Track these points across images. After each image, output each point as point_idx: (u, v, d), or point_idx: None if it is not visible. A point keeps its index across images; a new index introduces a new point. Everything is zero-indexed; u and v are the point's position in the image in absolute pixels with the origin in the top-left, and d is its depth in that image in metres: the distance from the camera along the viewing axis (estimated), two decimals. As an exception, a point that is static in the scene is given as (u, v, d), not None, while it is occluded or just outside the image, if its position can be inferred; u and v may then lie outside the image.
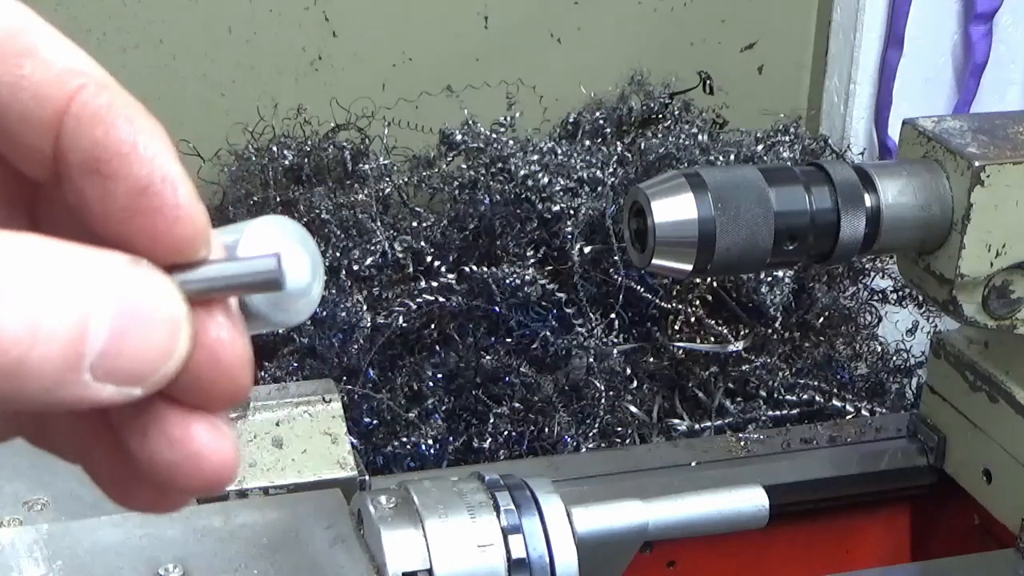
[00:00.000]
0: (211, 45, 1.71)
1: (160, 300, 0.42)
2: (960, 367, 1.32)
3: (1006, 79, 1.97)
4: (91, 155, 0.43)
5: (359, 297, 1.49)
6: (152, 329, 0.42)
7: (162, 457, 0.43)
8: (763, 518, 1.10)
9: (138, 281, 0.42)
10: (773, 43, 1.95)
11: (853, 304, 1.65)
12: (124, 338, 0.41)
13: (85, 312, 0.40)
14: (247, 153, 1.63)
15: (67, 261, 0.41)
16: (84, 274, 0.41)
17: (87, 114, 0.43)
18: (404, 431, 1.46)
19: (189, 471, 0.43)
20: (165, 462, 0.43)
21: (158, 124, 0.44)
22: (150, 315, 0.42)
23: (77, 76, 0.44)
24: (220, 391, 0.43)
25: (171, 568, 0.93)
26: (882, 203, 1.08)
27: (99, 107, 0.43)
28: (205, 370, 0.43)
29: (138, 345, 0.41)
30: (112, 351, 0.41)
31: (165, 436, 0.43)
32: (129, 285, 0.42)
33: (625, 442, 1.49)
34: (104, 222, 0.43)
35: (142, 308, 0.42)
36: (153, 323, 0.42)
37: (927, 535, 1.48)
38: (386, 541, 0.97)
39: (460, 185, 1.58)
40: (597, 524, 1.04)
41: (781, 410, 1.55)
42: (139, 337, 0.41)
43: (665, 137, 1.62)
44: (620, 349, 1.54)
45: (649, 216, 1.01)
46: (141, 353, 0.41)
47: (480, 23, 1.80)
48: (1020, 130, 1.14)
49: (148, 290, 0.42)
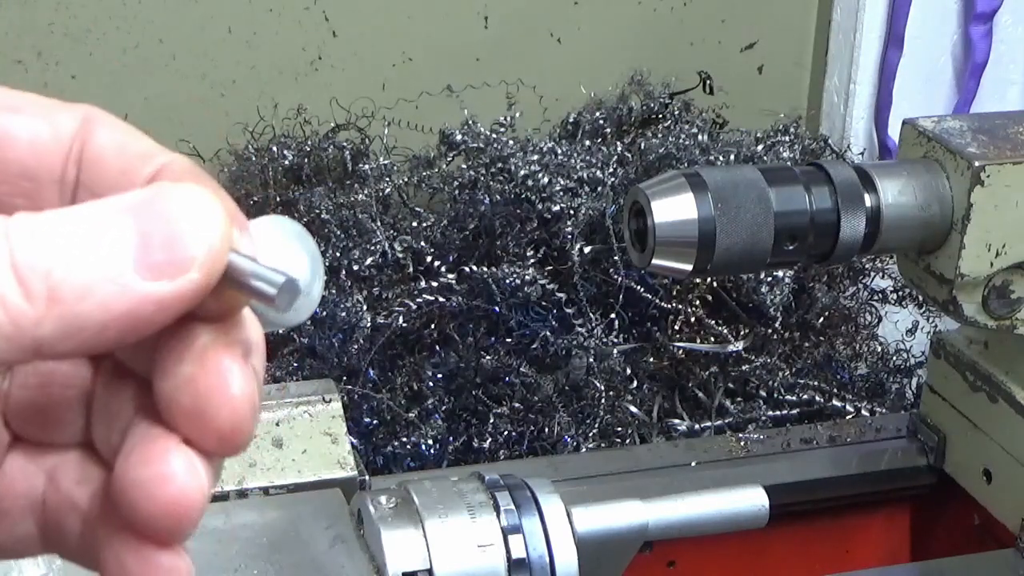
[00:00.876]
0: (211, 45, 1.71)
1: (169, 188, 0.43)
2: (960, 367, 1.32)
3: (1006, 79, 1.97)
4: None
5: (359, 297, 1.49)
6: (174, 211, 0.43)
7: (133, 474, 0.43)
8: (763, 518, 1.10)
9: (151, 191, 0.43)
10: (773, 43, 1.94)
11: (853, 304, 1.65)
12: (148, 228, 0.42)
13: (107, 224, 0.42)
14: (247, 153, 1.63)
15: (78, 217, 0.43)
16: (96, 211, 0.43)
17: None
18: (404, 431, 1.46)
19: (150, 492, 0.43)
20: (133, 480, 0.43)
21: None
22: (164, 200, 0.43)
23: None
24: (218, 425, 0.44)
25: (171, 568, 0.93)
26: (882, 203, 1.08)
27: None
28: (207, 398, 0.44)
29: (165, 228, 0.42)
30: (144, 246, 0.42)
31: (143, 454, 0.44)
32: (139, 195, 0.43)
33: (625, 442, 1.49)
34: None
35: (153, 198, 0.43)
36: (170, 204, 0.43)
37: (927, 535, 1.48)
38: (386, 541, 0.97)
39: (460, 185, 1.58)
40: (597, 524, 1.04)
41: (781, 410, 1.55)
42: (164, 223, 0.42)
43: (665, 137, 1.62)
44: (620, 349, 1.54)
45: (649, 216, 1.01)
46: (172, 236, 0.42)
47: (480, 23, 1.80)
48: (1020, 130, 1.14)
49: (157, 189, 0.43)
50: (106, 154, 0.47)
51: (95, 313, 0.41)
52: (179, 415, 0.44)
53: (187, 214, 0.43)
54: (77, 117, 0.47)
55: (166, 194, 0.43)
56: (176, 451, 0.43)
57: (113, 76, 1.68)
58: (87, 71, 1.67)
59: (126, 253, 0.42)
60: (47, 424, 0.48)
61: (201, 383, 0.43)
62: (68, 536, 0.47)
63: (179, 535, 0.44)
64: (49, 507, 0.47)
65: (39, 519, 0.47)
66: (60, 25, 1.66)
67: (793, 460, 1.42)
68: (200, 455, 0.44)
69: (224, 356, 0.44)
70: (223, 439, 0.44)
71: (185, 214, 0.43)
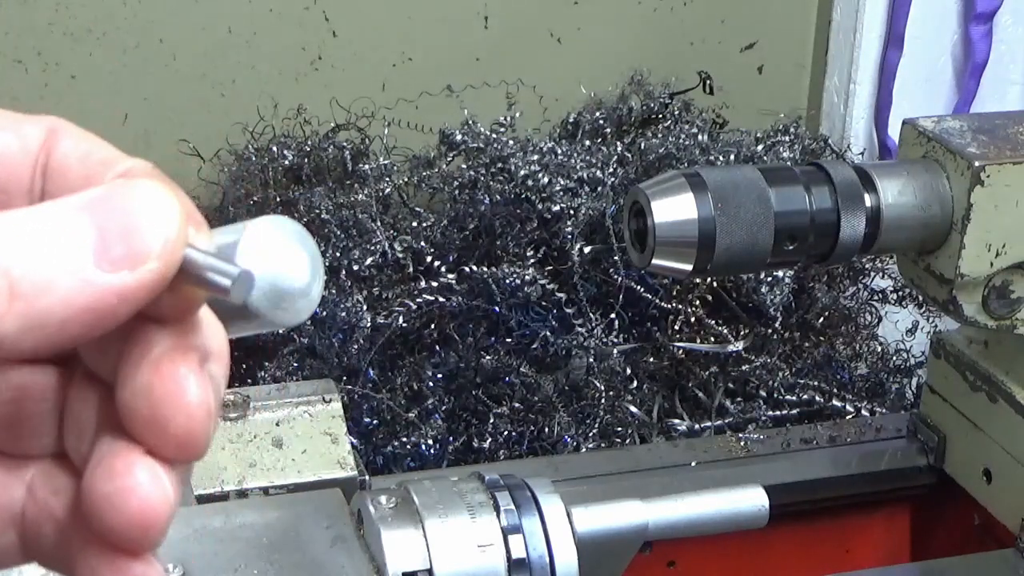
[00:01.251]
0: (211, 45, 1.71)
1: (125, 184, 0.44)
2: (960, 367, 1.32)
3: (1006, 79, 1.97)
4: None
5: (359, 297, 1.49)
6: (131, 205, 0.43)
7: (100, 488, 0.44)
8: (763, 518, 1.10)
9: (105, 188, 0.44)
10: (773, 43, 1.94)
11: (853, 304, 1.65)
12: (105, 223, 0.43)
13: (65, 221, 0.43)
14: (247, 153, 1.63)
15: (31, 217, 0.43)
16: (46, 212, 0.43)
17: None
18: (404, 431, 1.46)
19: (116, 504, 0.44)
20: (100, 493, 0.44)
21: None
22: (121, 195, 0.44)
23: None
24: (174, 432, 0.44)
25: (171, 568, 0.93)
26: (882, 203, 1.08)
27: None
28: (162, 406, 0.44)
29: (122, 222, 0.43)
30: (102, 240, 0.43)
31: (108, 467, 0.44)
32: (95, 192, 0.44)
33: (625, 442, 1.49)
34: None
35: (109, 194, 0.44)
36: (127, 199, 0.43)
37: (927, 535, 1.48)
38: (386, 541, 0.97)
39: (460, 185, 1.58)
40: (597, 524, 1.04)
41: (781, 410, 1.55)
42: (121, 216, 0.43)
43: (665, 137, 1.62)
44: (620, 349, 1.54)
45: (649, 216, 1.01)
46: (130, 228, 0.43)
47: (480, 23, 1.80)
48: (1020, 130, 1.14)
49: (113, 185, 0.44)
50: (70, 163, 0.47)
51: (56, 308, 0.42)
52: (137, 423, 0.44)
53: (143, 207, 0.43)
54: (43, 128, 0.48)
55: (122, 189, 0.44)
56: (140, 463, 0.44)
57: (113, 76, 1.68)
58: (87, 71, 1.67)
59: (85, 247, 0.42)
60: (22, 437, 0.48)
61: (157, 391, 0.44)
62: (46, 545, 0.47)
63: (148, 545, 0.44)
64: (28, 518, 0.48)
65: (19, 530, 0.48)
66: (60, 25, 1.66)
67: (793, 460, 1.42)
68: (163, 464, 0.44)
69: (180, 364, 0.45)
70: (180, 446, 0.44)
71: (141, 207, 0.43)
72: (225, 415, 1.20)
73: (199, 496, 1.10)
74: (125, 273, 0.42)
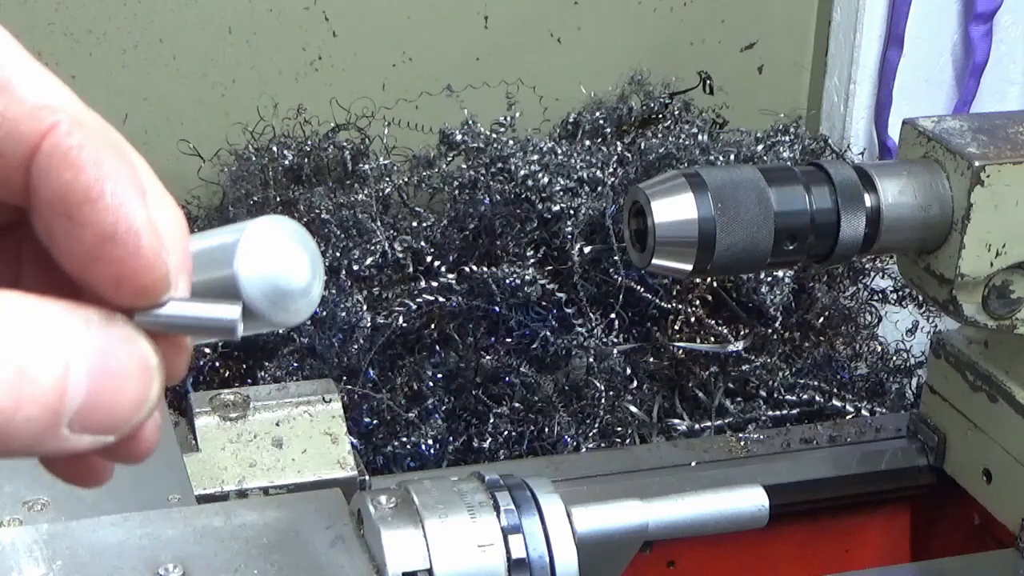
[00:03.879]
0: (211, 45, 1.71)
1: (133, 356, 0.44)
2: (960, 367, 1.32)
3: (1006, 79, 1.97)
4: (60, 197, 0.43)
5: (359, 297, 1.49)
6: (126, 383, 0.43)
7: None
8: (763, 518, 1.10)
9: (112, 339, 0.43)
10: (773, 43, 1.95)
11: (853, 304, 1.65)
12: (100, 394, 0.43)
13: (63, 375, 0.42)
14: (247, 153, 1.63)
15: (42, 322, 0.42)
16: (60, 335, 0.42)
17: (58, 154, 0.43)
18: (404, 431, 1.46)
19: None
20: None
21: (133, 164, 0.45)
22: (124, 370, 0.43)
23: (51, 112, 0.43)
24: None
25: (171, 568, 0.93)
26: (882, 203, 1.08)
27: (69, 148, 0.43)
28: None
29: (113, 399, 0.43)
30: (89, 407, 0.43)
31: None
32: (103, 344, 0.43)
33: (625, 442, 1.49)
34: (71, 261, 0.44)
35: (116, 365, 0.43)
36: (127, 378, 0.43)
37: (927, 535, 1.48)
38: (386, 541, 0.97)
39: (460, 185, 1.58)
40: (597, 524, 1.04)
41: (781, 410, 1.55)
42: (113, 392, 0.43)
43: (665, 137, 1.62)
44: (620, 349, 1.54)
45: (649, 216, 1.01)
46: (116, 406, 0.43)
47: (480, 23, 1.80)
48: (1020, 130, 1.14)
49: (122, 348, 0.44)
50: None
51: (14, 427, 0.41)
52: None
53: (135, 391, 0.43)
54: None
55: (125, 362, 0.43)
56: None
57: (113, 76, 1.69)
58: (87, 71, 1.67)
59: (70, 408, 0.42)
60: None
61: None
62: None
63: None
64: None
65: None
66: (60, 25, 1.66)
67: (793, 460, 1.42)
68: None
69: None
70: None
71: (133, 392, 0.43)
72: (225, 415, 1.20)
73: (199, 496, 1.10)
74: (87, 437, 0.43)
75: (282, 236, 0.46)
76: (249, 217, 0.46)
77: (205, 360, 1.50)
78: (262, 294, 0.45)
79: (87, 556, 0.93)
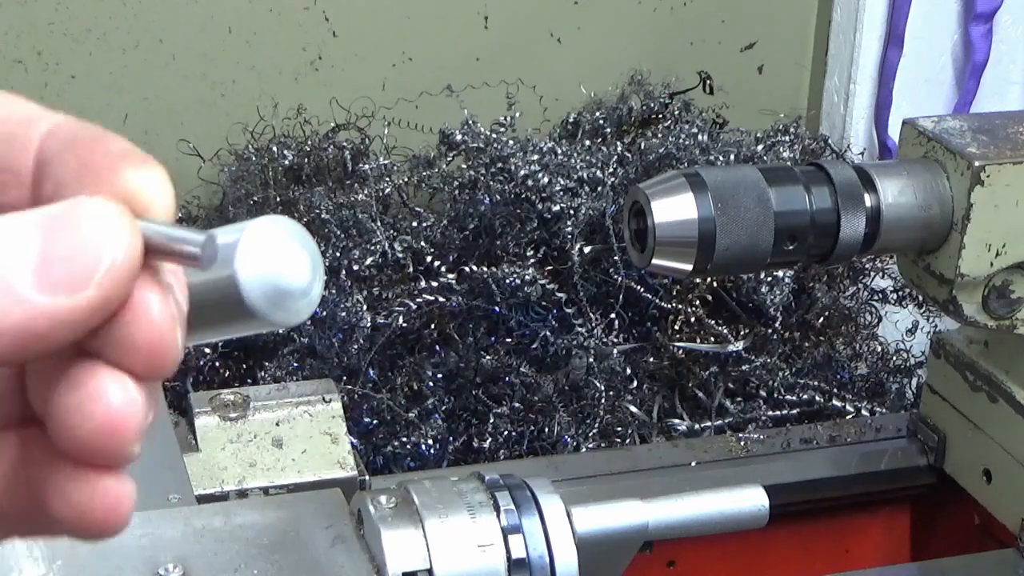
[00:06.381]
0: (211, 45, 1.71)
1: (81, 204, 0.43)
2: (960, 367, 1.32)
3: (1006, 79, 1.97)
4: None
5: (359, 297, 1.49)
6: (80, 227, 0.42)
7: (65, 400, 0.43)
8: (763, 518, 1.10)
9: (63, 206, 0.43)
10: (773, 43, 1.95)
11: (853, 304, 1.65)
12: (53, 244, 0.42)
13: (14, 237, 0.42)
14: (247, 153, 1.63)
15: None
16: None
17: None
18: (404, 431, 1.46)
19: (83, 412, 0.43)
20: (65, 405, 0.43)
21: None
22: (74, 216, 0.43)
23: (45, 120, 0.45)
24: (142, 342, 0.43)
25: (171, 568, 0.93)
26: (882, 203, 1.08)
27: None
28: (128, 324, 0.43)
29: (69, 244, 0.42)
30: (45, 261, 0.42)
31: (73, 379, 0.43)
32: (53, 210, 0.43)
33: (625, 442, 1.49)
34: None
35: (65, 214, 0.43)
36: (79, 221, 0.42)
37: (927, 535, 1.48)
38: (386, 541, 0.97)
39: (460, 185, 1.58)
40: (597, 524, 1.04)
41: (781, 410, 1.55)
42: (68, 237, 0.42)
43: (665, 137, 1.62)
44: (620, 349, 1.54)
45: (649, 216, 1.01)
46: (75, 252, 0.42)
47: (480, 23, 1.80)
48: (1020, 130, 1.14)
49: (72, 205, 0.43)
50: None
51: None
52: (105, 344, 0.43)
53: (91, 228, 0.43)
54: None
55: (76, 209, 0.43)
56: (105, 372, 0.43)
57: (113, 76, 1.68)
58: (87, 71, 1.67)
59: (26, 265, 0.42)
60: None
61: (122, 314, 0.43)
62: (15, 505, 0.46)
63: (118, 455, 0.43)
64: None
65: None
66: (60, 25, 1.66)
67: (793, 460, 1.42)
68: (131, 377, 0.44)
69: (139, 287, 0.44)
70: (148, 357, 0.43)
71: (90, 228, 0.43)
72: (225, 415, 1.20)
73: (199, 496, 1.10)
74: (61, 297, 0.42)
75: (282, 236, 0.46)
76: (249, 217, 0.46)
77: (205, 360, 1.50)
78: (262, 294, 0.45)
79: (87, 556, 0.93)
